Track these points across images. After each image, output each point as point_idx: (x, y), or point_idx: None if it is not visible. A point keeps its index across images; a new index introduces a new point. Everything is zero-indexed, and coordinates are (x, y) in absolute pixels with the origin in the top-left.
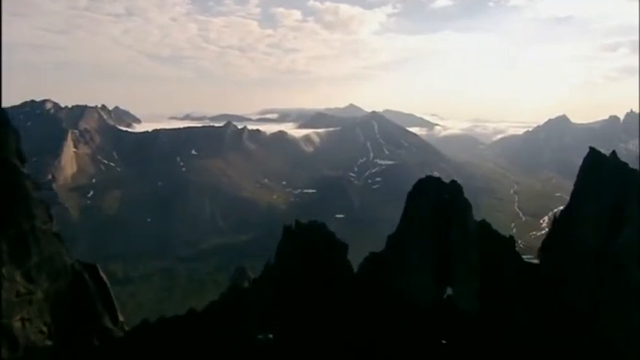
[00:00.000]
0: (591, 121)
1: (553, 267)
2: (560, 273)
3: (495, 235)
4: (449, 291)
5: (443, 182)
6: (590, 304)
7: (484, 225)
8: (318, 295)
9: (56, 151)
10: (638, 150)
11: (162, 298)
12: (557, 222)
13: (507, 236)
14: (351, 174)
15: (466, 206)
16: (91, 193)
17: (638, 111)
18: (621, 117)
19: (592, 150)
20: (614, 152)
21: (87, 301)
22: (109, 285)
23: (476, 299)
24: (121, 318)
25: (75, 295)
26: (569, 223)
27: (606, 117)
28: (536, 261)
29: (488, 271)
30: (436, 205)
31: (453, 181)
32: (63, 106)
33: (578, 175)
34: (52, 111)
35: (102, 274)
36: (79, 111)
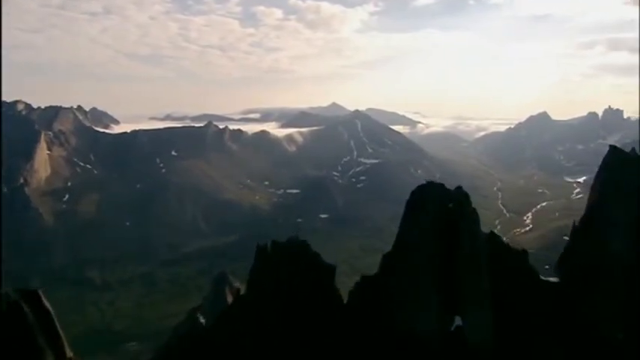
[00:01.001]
0: (570, 117)
1: (577, 286)
2: (586, 294)
3: (507, 250)
4: (457, 321)
5: (447, 189)
6: (626, 332)
7: (494, 238)
8: (299, 331)
9: (29, 153)
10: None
11: (142, 305)
12: (578, 231)
13: (520, 250)
14: (335, 173)
15: (475, 218)
16: (67, 196)
17: (615, 108)
18: (600, 113)
19: (613, 149)
20: (633, 149)
21: (25, 335)
22: (53, 314)
23: (489, 330)
24: (69, 353)
25: (10, 329)
26: (592, 232)
27: (585, 113)
28: (554, 279)
29: (502, 295)
30: (440, 217)
31: (459, 188)
32: (36, 107)
33: (599, 177)
34: (23, 112)
35: (45, 301)
36: (53, 112)
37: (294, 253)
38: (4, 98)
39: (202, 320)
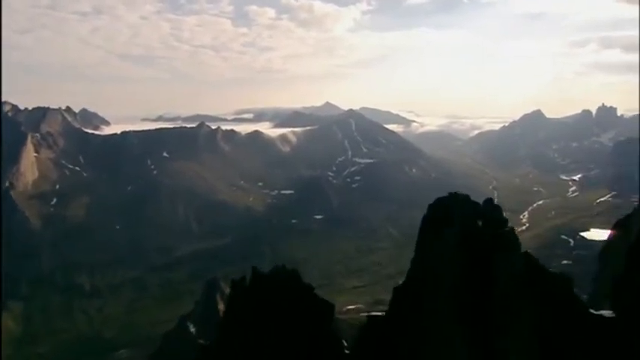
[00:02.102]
0: (565, 115)
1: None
2: None
3: (548, 276)
4: None
5: (474, 203)
6: None
7: (531, 261)
8: None
9: (15, 156)
10: (611, 143)
11: (132, 310)
12: (634, 255)
13: (563, 276)
14: (330, 173)
15: (512, 240)
16: (55, 200)
17: (609, 105)
18: (593, 111)
19: None
20: None
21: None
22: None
23: None
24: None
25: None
26: None
27: (579, 111)
28: (609, 312)
29: (543, 330)
30: (468, 239)
31: (489, 201)
32: (22, 108)
33: None
34: (9, 114)
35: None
36: (41, 113)
37: (280, 287)
38: None
39: (192, 329)
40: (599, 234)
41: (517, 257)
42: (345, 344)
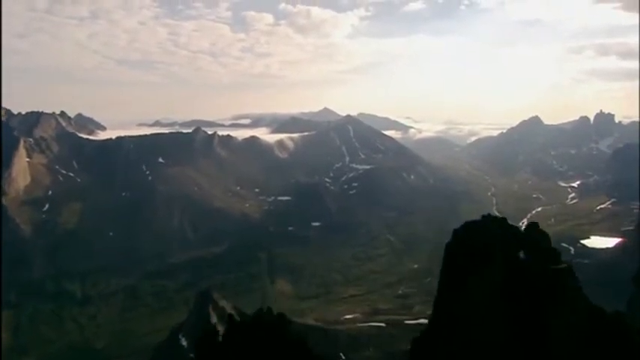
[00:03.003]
0: (562, 122)
1: None
2: None
3: (620, 333)
4: None
5: (514, 228)
6: None
7: (596, 313)
8: None
9: (6, 161)
10: (609, 150)
11: (125, 319)
12: None
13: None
14: (327, 179)
15: (570, 280)
16: (47, 206)
17: (607, 112)
18: (591, 118)
19: None
20: None
21: None
22: None
23: None
24: None
25: None
26: None
27: (577, 118)
28: None
29: None
30: (512, 278)
31: (533, 226)
32: (16, 112)
33: None
34: (3, 118)
35: None
36: (34, 118)
37: (263, 339)
38: None
39: (184, 342)
40: (599, 241)
41: (578, 308)
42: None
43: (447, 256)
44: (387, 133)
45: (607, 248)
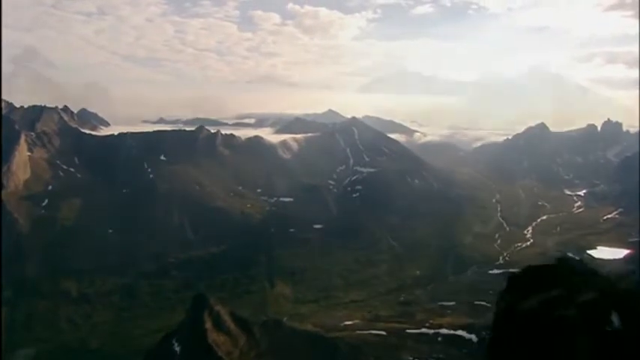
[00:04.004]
0: (569, 129)
1: None
2: None
3: None
4: None
5: (594, 274)
6: None
7: None
8: None
9: (7, 154)
10: (616, 159)
11: (122, 319)
12: None
13: None
14: (330, 182)
15: None
16: (46, 201)
17: (615, 120)
18: (599, 126)
19: None
20: None
21: None
22: None
23: None
24: None
25: None
26: None
27: (584, 125)
28: None
29: None
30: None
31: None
32: (18, 106)
33: None
34: (4, 111)
35: None
36: (37, 112)
37: None
38: None
39: (177, 348)
40: (606, 252)
41: None
42: None
43: (497, 319)
44: (392, 136)
45: (614, 259)
